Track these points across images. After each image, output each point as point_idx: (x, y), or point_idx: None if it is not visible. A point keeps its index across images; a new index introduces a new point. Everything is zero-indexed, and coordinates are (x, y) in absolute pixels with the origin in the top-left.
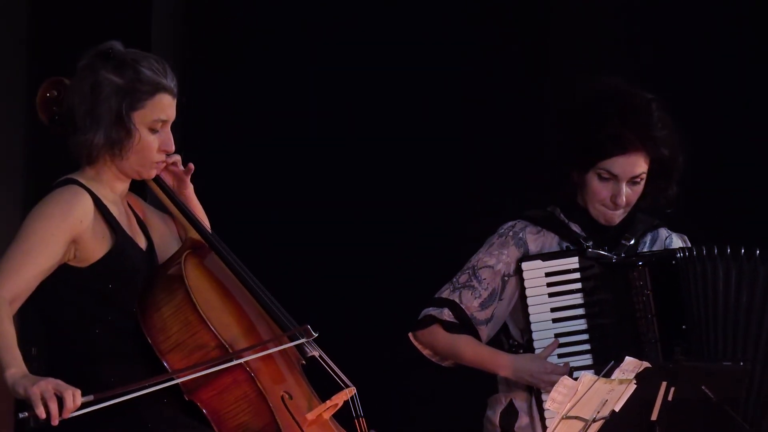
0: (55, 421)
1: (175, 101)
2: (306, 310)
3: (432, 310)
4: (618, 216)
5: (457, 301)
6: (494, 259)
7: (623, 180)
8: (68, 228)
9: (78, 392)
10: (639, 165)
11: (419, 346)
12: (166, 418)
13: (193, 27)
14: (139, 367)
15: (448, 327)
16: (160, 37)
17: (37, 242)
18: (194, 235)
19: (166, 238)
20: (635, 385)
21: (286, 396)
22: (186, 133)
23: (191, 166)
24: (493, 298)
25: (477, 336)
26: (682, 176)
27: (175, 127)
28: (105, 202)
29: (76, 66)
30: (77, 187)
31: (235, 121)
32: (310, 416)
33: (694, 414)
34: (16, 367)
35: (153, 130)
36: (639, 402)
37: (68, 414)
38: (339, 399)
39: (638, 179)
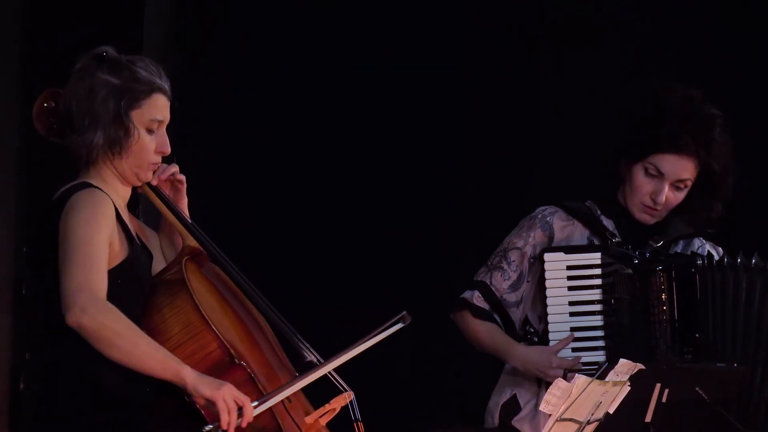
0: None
1: (169, 103)
2: (302, 314)
3: (465, 294)
4: (653, 217)
5: (488, 282)
6: (522, 241)
7: (668, 180)
8: (107, 230)
9: (249, 400)
10: (687, 170)
11: (459, 328)
12: (167, 419)
13: (185, 30)
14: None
15: (475, 312)
16: (152, 41)
17: (94, 246)
18: (191, 242)
19: (155, 251)
20: (629, 387)
21: (286, 399)
22: (178, 137)
23: (183, 177)
24: (521, 280)
25: (508, 318)
26: (729, 199)
27: (167, 131)
28: (116, 206)
29: (70, 71)
30: (100, 191)
31: (228, 124)
32: (309, 419)
33: (688, 415)
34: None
35: (150, 131)
36: (633, 404)
37: (245, 423)
38: (337, 404)
39: (682, 185)
